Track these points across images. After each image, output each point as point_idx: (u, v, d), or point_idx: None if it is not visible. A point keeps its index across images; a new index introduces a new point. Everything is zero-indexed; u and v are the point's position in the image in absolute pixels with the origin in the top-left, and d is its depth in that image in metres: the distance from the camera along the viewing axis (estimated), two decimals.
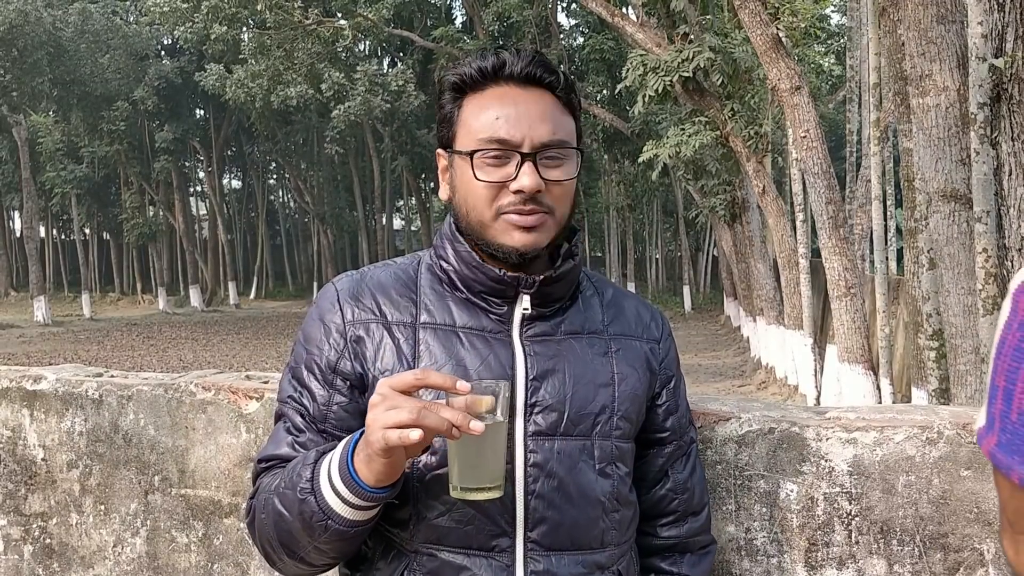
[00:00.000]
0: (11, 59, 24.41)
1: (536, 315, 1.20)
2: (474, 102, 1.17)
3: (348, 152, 33.59)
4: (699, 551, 1.32)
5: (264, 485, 1.16)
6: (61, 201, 32.90)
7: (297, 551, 1.11)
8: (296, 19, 19.24)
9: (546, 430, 1.15)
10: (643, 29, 12.52)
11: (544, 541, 1.13)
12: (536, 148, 1.13)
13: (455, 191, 1.20)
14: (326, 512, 1.04)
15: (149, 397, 1.91)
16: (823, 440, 1.48)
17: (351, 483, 1.02)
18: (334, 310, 1.20)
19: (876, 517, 1.45)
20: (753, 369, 15.40)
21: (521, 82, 1.16)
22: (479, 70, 1.16)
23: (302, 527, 1.07)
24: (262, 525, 1.14)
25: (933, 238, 4.97)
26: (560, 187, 1.16)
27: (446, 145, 1.21)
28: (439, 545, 1.13)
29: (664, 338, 1.31)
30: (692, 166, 15.16)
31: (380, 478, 1.01)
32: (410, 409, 0.95)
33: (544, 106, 1.16)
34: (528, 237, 1.14)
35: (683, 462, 1.31)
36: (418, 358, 1.16)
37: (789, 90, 8.64)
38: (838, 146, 20.40)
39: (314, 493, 1.05)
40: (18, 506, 2.05)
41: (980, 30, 4.16)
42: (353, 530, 1.06)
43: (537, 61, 1.16)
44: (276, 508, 1.10)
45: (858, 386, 8.78)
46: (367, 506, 1.04)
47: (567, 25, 30.52)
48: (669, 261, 38.89)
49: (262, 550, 1.17)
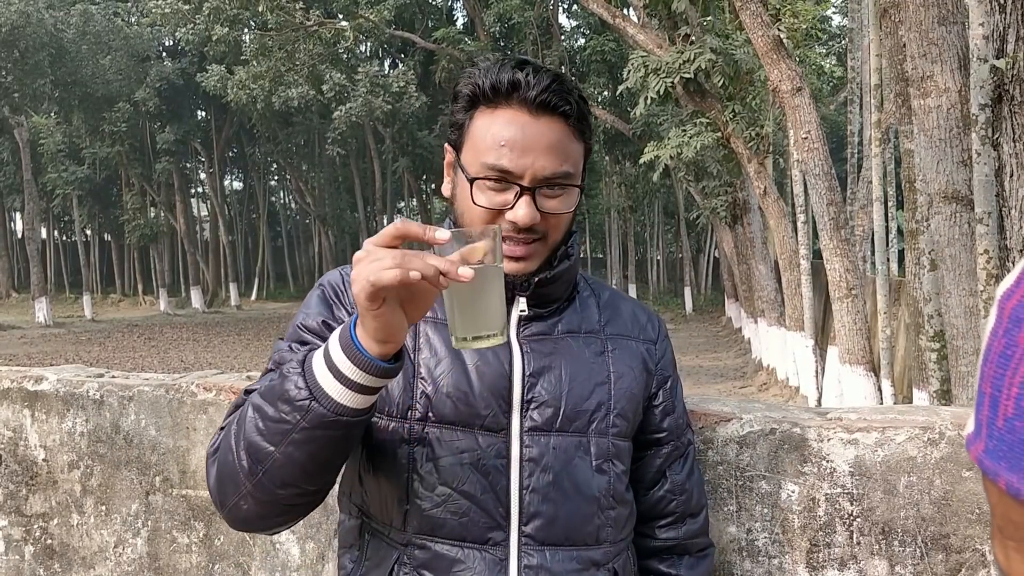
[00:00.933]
0: (13, 60, 24.44)
1: (533, 315, 1.21)
2: (484, 117, 1.14)
3: (349, 153, 33.60)
4: (697, 553, 1.33)
5: (241, 409, 1.08)
6: (62, 202, 32.92)
7: (263, 461, 1.00)
8: (297, 20, 19.25)
9: (542, 426, 1.16)
10: (644, 30, 12.52)
11: (538, 536, 1.14)
12: (537, 182, 1.12)
13: (455, 199, 1.19)
14: (312, 391, 0.97)
15: (150, 398, 1.91)
16: (824, 441, 1.48)
17: (351, 348, 0.95)
18: (341, 288, 1.21)
19: (878, 518, 1.45)
20: (754, 370, 15.38)
21: (534, 108, 1.12)
22: (493, 87, 1.13)
23: (278, 419, 0.99)
24: (227, 442, 1.05)
25: (934, 239, 4.96)
26: (556, 217, 1.16)
27: (454, 146, 1.20)
28: (433, 537, 1.13)
29: (660, 339, 1.32)
30: (693, 167, 15.17)
31: (376, 339, 0.94)
32: (393, 256, 0.89)
33: (553, 136, 1.13)
34: (517, 266, 1.15)
35: (681, 463, 1.31)
36: (418, 350, 1.17)
37: (790, 91, 8.64)
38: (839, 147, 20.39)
39: (303, 371, 0.98)
40: (19, 507, 2.05)
41: (981, 31, 4.16)
42: (335, 417, 0.96)
43: (553, 88, 1.12)
44: (253, 404, 1.03)
45: (859, 387, 8.77)
46: (360, 384, 0.96)
47: (568, 26, 30.54)
48: (670, 262, 38.89)
49: (217, 483, 1.07)
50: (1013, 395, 0.41)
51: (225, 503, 1.07)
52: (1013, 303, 0.43)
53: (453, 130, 1.19)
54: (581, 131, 1.17)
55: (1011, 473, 0.40)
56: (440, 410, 1.14)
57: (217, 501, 1.08)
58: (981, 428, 0.44)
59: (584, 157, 1.20)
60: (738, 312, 20.60)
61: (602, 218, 33.30)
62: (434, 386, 1.15)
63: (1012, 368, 0.41)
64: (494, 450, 1.14)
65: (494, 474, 1.13)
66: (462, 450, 1.13)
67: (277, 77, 21.32)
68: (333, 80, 21.95)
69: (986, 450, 0.43)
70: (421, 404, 1.15)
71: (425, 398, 1.15)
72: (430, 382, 1.15)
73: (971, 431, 0.45)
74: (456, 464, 1.13)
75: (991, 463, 0.42)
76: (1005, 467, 0.41)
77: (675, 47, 11.68)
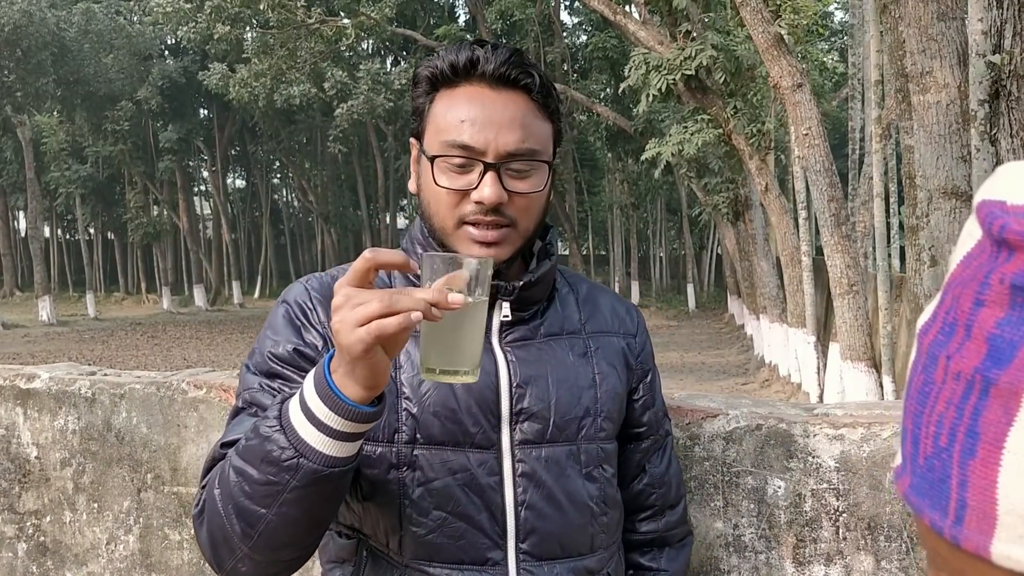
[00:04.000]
0: (15, 59, 24.46)
1: (515, 319, 1.18)
2: (445, 99, 1.12)
3: (352, 151, 33.59)
4: (677, 544, 1.33)
5: (220, 465, 1.03)
6: (65, 201, 32.98)
7: (256, 525, 0.95)
8: (299, 18, 19.25)
9: (533, 438, 1.13)
10: (645, 27, 12.51)
11: (535, 551, 1.12)
12: (501, 158, 1.08)
13: (420, 190, 1.16)
14: (298, 448, 0.90)
15: (141, 395, 1.92)
16: (810, 436, 1.48)
17: (332, 398, 0.89)
18: (308, 307, 1.15)
19: (863, 513, 1.45)
20: (756, 367, 15.37)
21: (494, 82, 1.09)
22: (451, 66, 1.10)
23: (265, 481, 0.93)
24: (213, 505, 0.99)
25: (934, 235, 4.96)
26: (525, 199, 1.11)
27: (417, 137, 1.17)
28: (430, 562, 1.10)
29: (639, 332, 1.30)
30: (695, 164, 15.14)
31: (365, 386, 0.89)
32: (379, 299, 0.84)
33: (516, 110, 1.09)
34: (487, 251, 1.09)
35: (659, 456, 1.31)
36: (400, 368, 1.13)
37: (791, 88, 8.63)
38: (841, 143, 20.35)
39: (283, 428, 0.92)
40: (12, 504, 2.06)
41: (980, 27, 4.15)
42: (328, 471, 0.91)
43: (512, 61, 1.09)
44: (235, 467, 0.96)
45: (861, 384, 8.76)
46: (347, 432, 0.91)
47: (570, 23, 30.51)
48: (673, 259, 38.85)
49: (210, 546, 1.02)
50: (931, 433, 0.41)
51: (223, 566, 1.03)
52: (929, 338, 0.43)
53: (415, 116, 1.16)
54: (547, 107, 1.13)
55: (933, 511, 0.41)
56: (428, 430, 1.10)
57: (213, 564, 1.04)
58: (906, 463, 0.44)
59: (553, 139, 1.16)
60: (740, 309, 20.58)
61: (605, 215, 33.27)
62: (419, 406, 1.10)
63: (929, 406, 0.42)
64: (486, 468, 1.11)
65: (488, 492, 1.10)
66: (454, 471, 1.10)
67: (279, 75, 21.32)
68: (335, 78, 21.94)
69: (911, 486, 0.43)
70: (408, 426, 1.10)
71: (411, 419, 1.10)
72: (415, 402, 1.11)
73: (899, 464, 0.46)
74: (449, 486, 1.09)
75: (916, 499, 0.43)
76: (928, 504, 0.42)
77: (676, 44, 11.67)
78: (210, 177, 38.05)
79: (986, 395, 0.39)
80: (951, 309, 0.42)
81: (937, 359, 0.42)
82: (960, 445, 0.40)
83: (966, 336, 0.40)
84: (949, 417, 0.40)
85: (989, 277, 0.40)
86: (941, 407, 0.41)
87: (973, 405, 0.39)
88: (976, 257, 0.41)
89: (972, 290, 0.41)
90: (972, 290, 0.41)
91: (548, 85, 1.13)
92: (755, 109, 11.86)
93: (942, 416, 0.41)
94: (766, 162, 11.94)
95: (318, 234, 38.82)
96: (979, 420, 0.39)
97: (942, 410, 0.41)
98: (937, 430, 0.41)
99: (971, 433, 0.39)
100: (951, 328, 0.42)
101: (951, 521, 0.40)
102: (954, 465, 0.40)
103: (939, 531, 0.40)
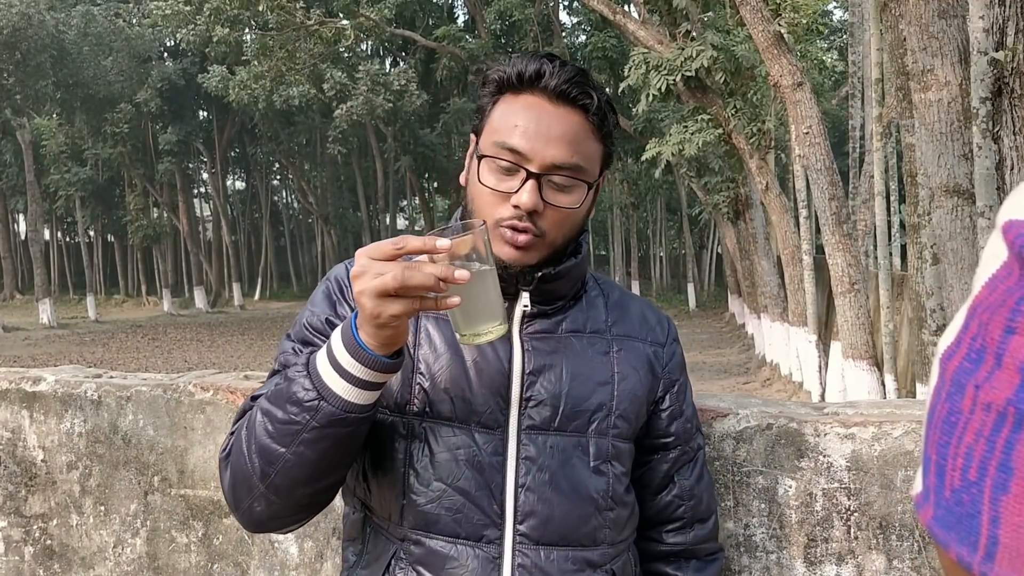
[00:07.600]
0: (14, 62, 24.43)
1: (537, 312, 1.20)
2: (506, 103, 1.17)
3: (351, 152, 33.60)
4: (705, 558, 1.32)
5: (249, 413, 1.13)
6: (65, 204, 32.98)
7: (275, 463, 1.04)
8: (298, 20, 19.24)
9: (540, 425, 1.15)
10: (645, 27, 12.50)
11: (533, 535, 1.13)
12: (545, 168, 1.12)
13: (468, 183, 1.20)
14: (320, 391, 1.01)
15: (148, 398, 1.91)
16: (821, 436, 1.47)
17: (356, 348, 0.99)
18: (346, 284, 1.21)
19: (875, 512, 1.45)
20: (758, 366, 15.37)
21: (555, 97, 1.14)
22: (518, 74, 1.15)
23: (287, 420, 1.03)
24: (239, 446, 1.09)
25: (936, 233, 4.95)
26: (560, 213, 1.14)
27: (476, 134, 1.21)
28: (427, 532, 1.13)
29: (669, 342, 1.30)
30: (695, 164, 15.15)
31: (383, 344, 0.99)
32: (395, 274, 0.93)
33: (570, 127, 1.14)
34: (515, 254, 1.14)
35: (689, 468, 1.29)
36: (418, 346, 1.18)
37: (791, 87, 8.63)
38: (841, 142, 20.34)
39: (309, 373, 1.03)
40: (18, 507, 2.05)
41: (981, 24, 4.14)
42: (344, 415, 1.01)
43: (576, 80, 1.14)
44: (262, 408, 1.07)
45: (862, 382, 8.76)
46: (367, 381, 1.01)
47: (569, 23, 30.52)
48: (673, 259, 38.87)
49: (231, 486, 1.11)
50: (959, 466, 0.40)
51: (239, 506, 1.11)
52: (954, 365, 0.41)
53: (478, 113, 1.22)
54: (601, 129, 1.17)
55: (961, 546, 0.39)
56: (437, 406, 1.14)
57: (231, 504, 1.12)
58: (929, 494, 0.43)
59: (602, 161, 1.20)
60: (741, 308, 20.59)
61: (605, 215, 33.28)
62: (432, 382, 1.15)
63: (956, 436, 0.40)
64: (490, 447, 1.14)
65: (489, 471, 1.13)
66: (458, 446, 1.13)
67: (278, 77, 21.32)
68: (334, 79, 21.95)
69: (935, 517, 0.42)
70: (419, 399, 1.15)
71: (423, 393, 1.15)
72: (428, 378, 1.16)
73: (919, 492, 0.44)
74: (451, 460, 1.13)
75: (942, 533, 0.41)
76: (955, 538, 0.40)
77: (676, 44, 11.67)
78: (210, 179, 38.06)
79: (1019, 428, 0.37)
80: (978, 335, 0.40)
81: (964, 388, 0.40)
82: (992, 480, 0.38)
83: (996, 365, 0.39)
84: (979, 450, 0.39)
85: (1021, 304, 0.38)
86: (970, 439, 0.39)
87: (1006, 438, 0.38)
88: (1003, 280, 0.40)
89: (1002, 316, 0.39)
90: (1002, 316, 0.39)
91: (606, 109, 1.17)
92: (755, 108, 11.86)
93: (971, 448, 0.39)
94: (766, 161, 11.94)
95: (318, 235, 38.84)
96: (1012, 454, 0.37)
97: (971, 442, 0.39)
98: (966, 463, 0.39)
99: (1004, 468, 0.38)
100: (979, 356, 0.40)
101: (981, 557, 0.38)
102: (985, 500, 0.38)
103: (967, 567, 0.39)
